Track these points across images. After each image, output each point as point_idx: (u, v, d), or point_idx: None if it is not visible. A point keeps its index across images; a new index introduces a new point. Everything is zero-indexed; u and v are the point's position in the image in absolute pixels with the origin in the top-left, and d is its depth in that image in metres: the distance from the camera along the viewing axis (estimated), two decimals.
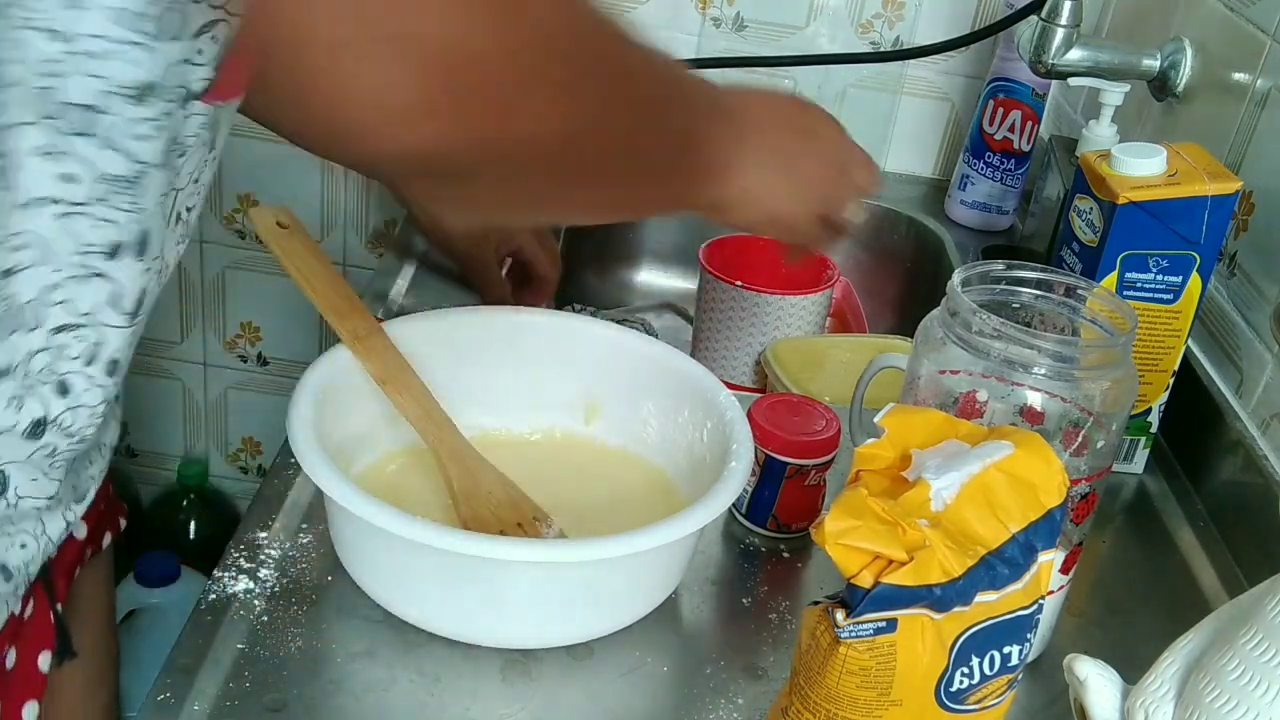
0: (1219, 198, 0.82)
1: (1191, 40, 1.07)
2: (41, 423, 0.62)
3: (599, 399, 0.84)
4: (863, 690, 0.53)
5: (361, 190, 1.58)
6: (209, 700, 0.63)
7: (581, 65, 0.54)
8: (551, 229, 1.02)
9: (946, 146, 1.44)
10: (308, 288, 0.77)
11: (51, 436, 0.63)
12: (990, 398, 0.66)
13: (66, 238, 0.58)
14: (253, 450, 1.80)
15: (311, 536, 0.75)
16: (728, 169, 0.68)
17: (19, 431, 0.61)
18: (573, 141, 0.55)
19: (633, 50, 0.59)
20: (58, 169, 0.56)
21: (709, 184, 0.69)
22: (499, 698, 0.66)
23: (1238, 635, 0.52)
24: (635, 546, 0.65)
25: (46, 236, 0.57)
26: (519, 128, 0.51)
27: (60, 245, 0.58)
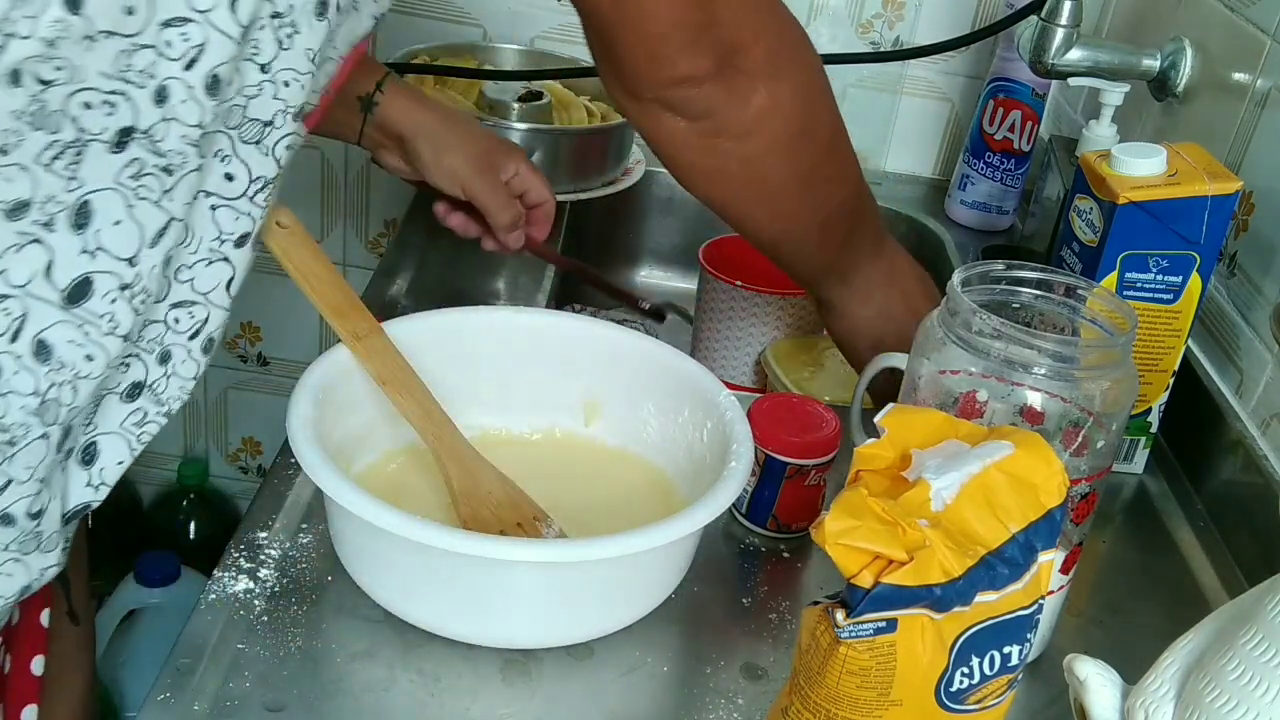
0: (1219, 198, 0.82)
1: (1191, 40, 1.07)
2: (139, 385, 0.66)
3: (599, 399, 0.84)
4: (863, 690, 0.53)
5: (361, 190, 1.58)
6: (209, 700, 0.63)
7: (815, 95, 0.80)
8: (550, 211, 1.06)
9: (946, 146, 1.45)
10: (308, 288, 0.77)
11: (144, 401, 0.67)
12: (990, 398, 0.66)
13: (211, 226, 0.65)
14: (253, 450, 1.80)
15: (311, 536, 0.75)
16: (854, 277, 0.88)
17: (119, 393, 0.65)
18: (796, 137, 0.79)
19: (838, 117, 0.83)
20: (224, 169, 0.63)
21: (837, 278, 0.88)
22: (499, 698, 0.66)
23: (1238, 635, 0.52)
24: (635, 546, 0.65)
25: (195, 223, 0.64)
26: (765, 104, 0.76)
27: (204, 231, 0.64)
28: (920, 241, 1.32)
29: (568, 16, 1.40)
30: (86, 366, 0.61)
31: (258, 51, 0.61)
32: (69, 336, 0.59)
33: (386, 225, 1.59)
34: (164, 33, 0.56)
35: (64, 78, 0.54)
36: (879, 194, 1.36)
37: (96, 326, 0.60)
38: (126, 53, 0.55)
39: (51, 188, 0.56)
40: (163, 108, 0.58)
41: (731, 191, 0.81)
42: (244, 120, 0.63)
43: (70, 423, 0.62)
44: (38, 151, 0.55)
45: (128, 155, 0.58)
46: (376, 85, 1.00)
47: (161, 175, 0.59)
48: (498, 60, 1.32)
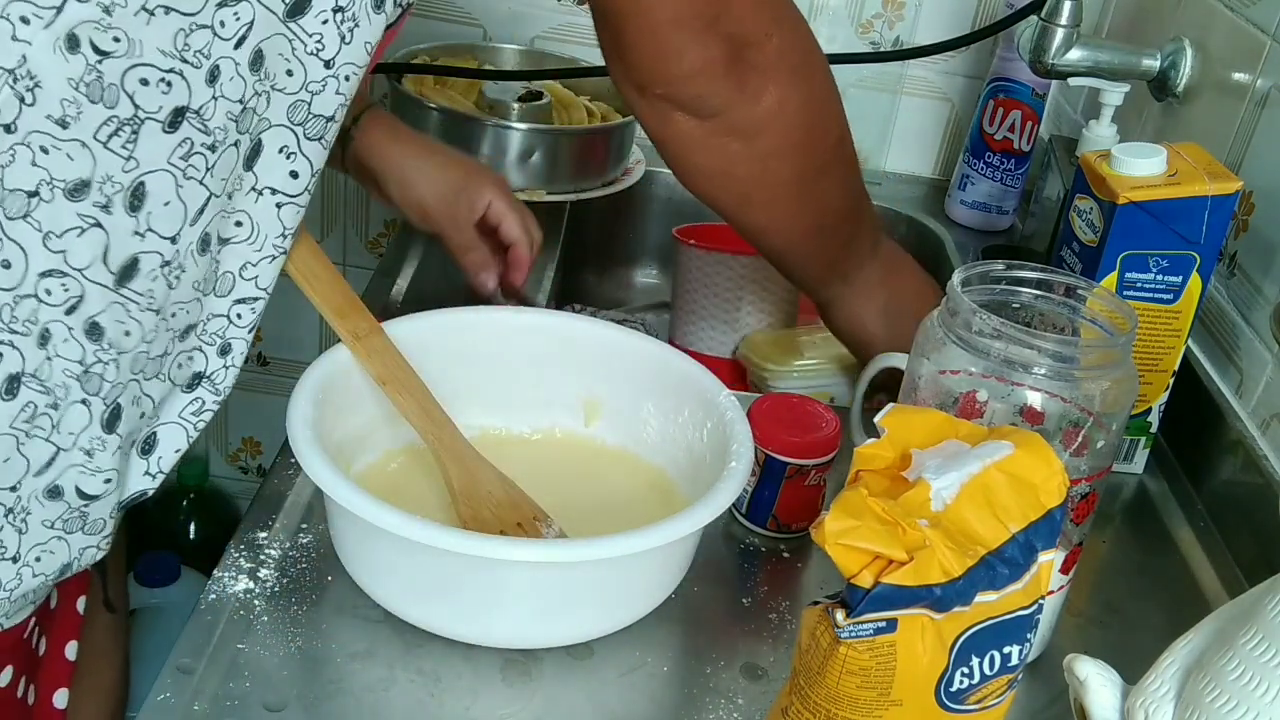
0: (1219, 198, 0.82)
1: (1191, 40, 1.07)
2: (200, 376, 0.68)
3: (599, 399, 0.84)
4: (863, 690, 0.53)
5: (361, 190, 1.58)
6: (209, 700, 0.63)
7: (822, 95, 0.80)
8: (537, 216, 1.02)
9: (946, 146, 1.45)
10: (308, 288, 0.77)
11: (203, 390, 0.69)
12: (990, 398, 0.66)
13: (276, 223, 0.66)
14: (253, 450, 1.80)
15: (311, 536, 0.75)
16: (855, 278, 0.88)
17: (180, 384, 0.67)
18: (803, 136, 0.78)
19: (844, 118, 0.83)
20: (289, 166, 0.65)
21: (838, 280, 0.88)
22: (499, 698, 0.66)
23: (1238, 635, 0.52)
24: (635, 546, 0.65)
25: (261, 221, 0.66)
26: (774, 105, 0.75)
27: (269, 229, 0.66)
28: (920, 241, 1.32)
29: (568, 16, 1.40)
30: (125, 342, 0.62)
31: (322, 47, 0.62)
32: (117, 317, 0.60)
33: (386, 225, 1.59)
34: (219, 12, 0.57)
35: (121, 50, 0.55)
36: (879, 194, 1.37)
37: (136, 304, 0.61)
38: (185, 32, 0.56)
39: (109, 167, 0.57)
40: (213, 87, 0.59)
41: (737, 193, 0.81)
42: (309, 116, 0.64)
43: (116, 400, 0.63)
44: (96, 127, 0.55)
45: (180, 135, 0.59)
46: (354, 118, 0.98)
47: (207, 154, 0.60)
48: (498, 60, 1.32)
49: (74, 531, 0.64)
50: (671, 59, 0.72)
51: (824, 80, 0.80)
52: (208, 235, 0.63)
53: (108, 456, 0.63)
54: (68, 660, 0.79)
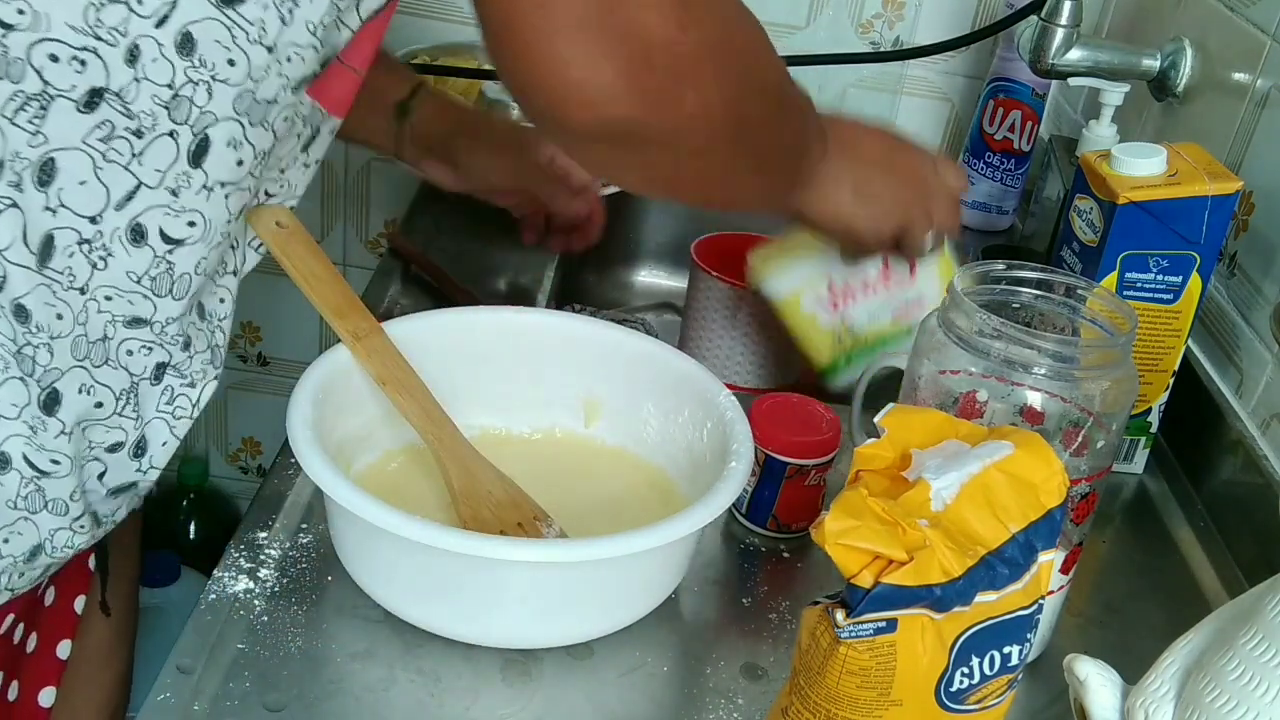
0: (1219, 198, 0.82)
1: (1191, 40, 1.07)
2: (164, 366, 0.68)
3: (599, 399, 0.84)
4: (863, 690, 0.53)
5: (361, 190, 1.58)
6: (209, 700, 0.63)
7: (750, 63, 0.68)
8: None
9: (946, 146, 1.44)
10: (307, 288, 0.77)
11: (169, 378, 0.69)
12: (990, 398, 0.66)
13: (224, 213, 0.66)
14: (253, 450, 1.80)
15: (311, 536, 0.75)
16: (814, 178, 0.79)
17: (141, 375, 0.67)
18: (734, 126, 0.67)
19: (778, 59, 0.72)
20: (236, 156, 0.64)
21: (799, 189, 0.80)
22: (499, 698, 0.66)
23: (1238, 635, 0.52)
24: (635, 546, 0.65)
25: (212, 217, 0.65)
26: (696, 108, 0.64)
27: (218, 222, 0.66)
28: None
29: None
30: (57, 325, 0.61)
31: (265, 33, 0.60)
32: (45, 299, 0.60)
33: (386, 225, 1.59)
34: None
35: (26, 23, 0.54)
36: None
37: (59, 283, 0.61)
38: (95, 6, 0.55)
39: (17, 143, 0.56)
40: (134, 68, 0.57)
41: (671, 188, 0.76)
42: (253, 104, 0.63)
43: (53, 385, 0.63)
44: (1, 102, 0.55)
45: (98, 116, 0.58)
46: (411, 91, 0.99)
47: (131, 138, 0.59)
48: None
49: (38, 511, 0.64)
50: (559, 74, 0.60)
51: (754, 57, 0.69)
52: (141, 226, 0.62)
53: (51, 438, 0.63)
54: (58, 659, 0.79)
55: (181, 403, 0.70)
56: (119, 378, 0.66)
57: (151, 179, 0.61)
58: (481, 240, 1.15)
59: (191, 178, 0.63)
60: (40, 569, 0.67)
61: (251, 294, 1.60)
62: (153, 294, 0.65)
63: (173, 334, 0.67)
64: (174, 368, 0.68)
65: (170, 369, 0.68)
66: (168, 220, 0.63)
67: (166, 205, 0.63)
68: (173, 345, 0.68)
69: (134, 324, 0.65)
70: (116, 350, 0.65)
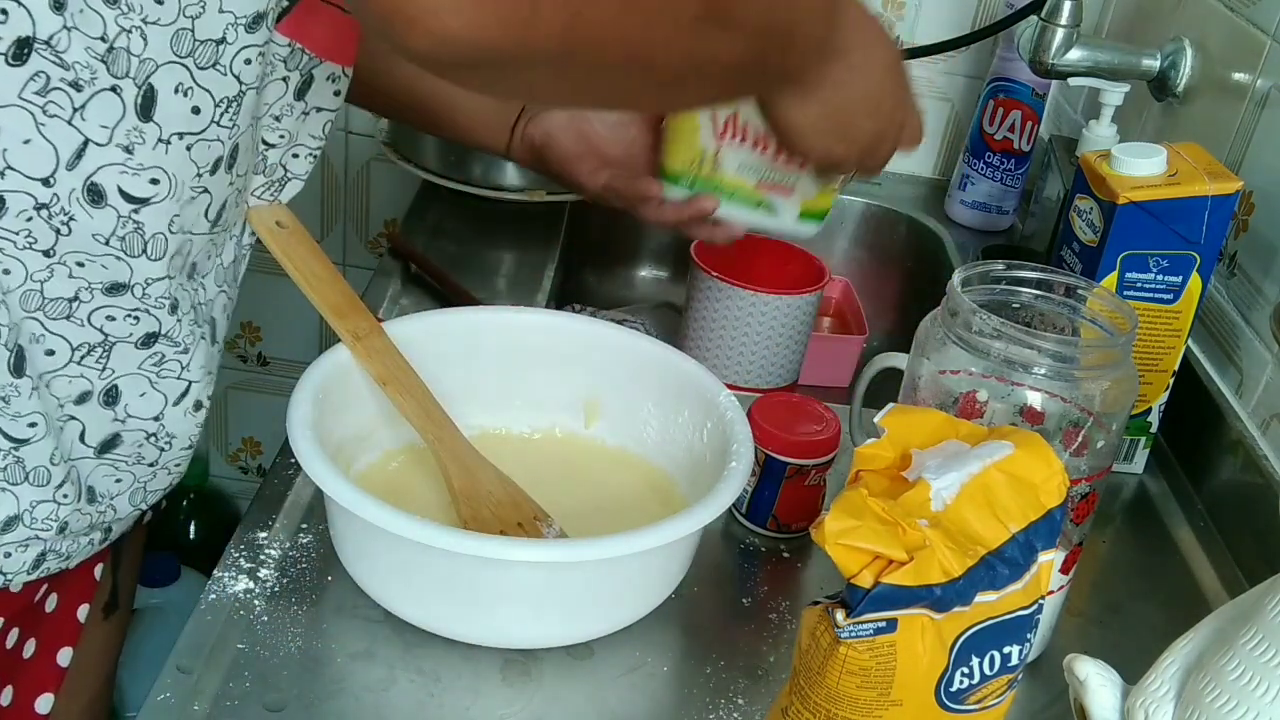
0: (1219, 198, 0.82)
1: (1191, 40, 1.07)
2: (154, 335, 0.67)
3: (599, 399, 0.84)
4: (863, 690, 0.53)
5: (361, 190, 1.58)
6: (209, 700, 0.63)
7: None
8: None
9: (946, 146, 1.44)
10: (307, 288, 0.77)
11: (161, 345, 0.68)
12: (990, 398, 0.66)
13: (189, 165, 0.64)
14: (253, 450, 1.80)
15: (311, 536, 0.75)
16: (802, 81, 0.71)
17: (134, 341, 0.67)
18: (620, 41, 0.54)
19: None
20: (189, 103, 0.62)
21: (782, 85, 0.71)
22: (499, 698, 0.66)
23: (1238, 635, 0.52)
24: (635, 546, 0.65)
25: (175, 171, 0.63)
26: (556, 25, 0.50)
27: (184, 175, 0.64)
28: (920, 241, 1.32)
29: None
30: (5, 280, 0.61)
31: None
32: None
33: (386, 225, 1.59)
34: None
35: None
36: (879, 194, 1.37)
37: (12, 243, 0.60)
38: None
39: None
40: (62, 15, 0.57)
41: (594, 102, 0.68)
42: (195, 45, 0.61)
43: (17, 343, 0.63)
44: None
45: (30, 68, 0.57)
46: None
47: (70, 91, 0.58)
48: None
49: (18, 482, 0.64)
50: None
51: None
52: (98, 186, 0.61)
53: (25, 401, 0.63)
54: (59, 667, 0.79)
55: (171, 365, 0.69)
56: (83, 334, 0.65)
57: (100, 135, 0.60)
58: (481, 240, 1.15)
59: (144, 132, 0.61)
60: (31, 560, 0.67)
61: (251, 294, 1.61)
62: (125, 255, 0.64)
63: (157, 296, 0.66)
64: (166, 336, 0.68)
65: (162, 338, 0.68)
66: (126, 179, 0.62)
67: (122, 164, 0.61)
68: (159, 309, 0.67)
69: (113, 291, 0.65)
70: (89, 314, 0.65)
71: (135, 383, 0.69)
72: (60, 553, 0.71)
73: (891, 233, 1.34)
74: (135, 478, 0.73)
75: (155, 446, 0.73)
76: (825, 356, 1.13)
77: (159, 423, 0.72)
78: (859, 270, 1.33)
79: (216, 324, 0.75)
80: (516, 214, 1.18)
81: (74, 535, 0.71)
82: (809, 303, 1.05)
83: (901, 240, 1.34)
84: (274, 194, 0.77)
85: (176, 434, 0.74)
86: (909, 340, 0.71)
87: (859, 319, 1.21)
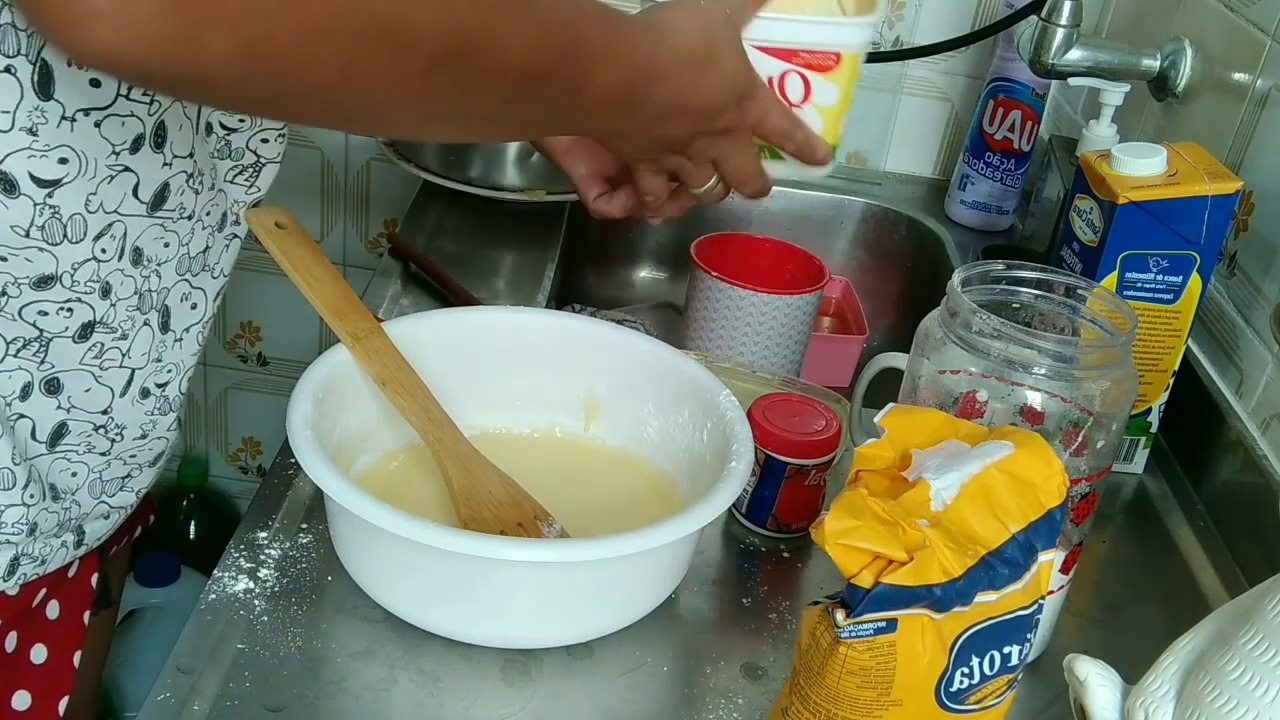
0: (1219, 198, 0.82)
1: (1191, 40, 1.07)
2: (89, 325, 0.66)
3: (599, 399, 0.84)
4: (863, 690, 0.53)
5: (361, 190, 1.58)
6: (209, 700, 0.63)
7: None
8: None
9: (946, 146, 1.44)
10: (307, 288, 0.77)
11: (99, 335, 0.67)
12: (990, 398, 0.66)
13: (102, 144, 0.62)
14: (253, 450, 1.80)
15: (311, 536, 0.75)
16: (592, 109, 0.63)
17: (70, 335, 0.66)
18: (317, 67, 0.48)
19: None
20: (86, 75, 0.59)
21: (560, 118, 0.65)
22: (499, 698, 0.66)
23: (1238, 635, 0.52)
24: (635, 546, 0.65)
25: (85, 149, 0.61)
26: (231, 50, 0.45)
27: (96, 153, 0.62)
28: (920, 241, 1.32)
29: None
30: None
31: None
32: None
33: (386, 225, 1.59)
34: None
35: None
36: (879, 194, 1.37)
37: None
38: None
39: None
40: None
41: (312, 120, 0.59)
42: None
43: None
44: None
45: None
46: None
47: None
48: None
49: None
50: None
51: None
52: (8, 175, 0.59)
53: None
54: (74, 668, 0.79)
55: (112, 354, 0.68)
56: (16, 328, 0.64)
57: (2, 121, 0.58)
58: (481, 240, 1.15)
59: (46, 111, 0.59)
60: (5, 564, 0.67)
61: (252, 294, 1.61)
62: (48, 244, 0.63)
63: (85, 280, 0.65)
64: (101, 324, 0.67)
65: (99, 326, 0.67)
66: (34, 162, 0.60)
67: (28, 147, 0.60)
68: (89, 295, 0.66)
69: (41, 284, 0.64)
70: (19, 309, 0.64)
71: (79, 378, 0.68)
72: (34, 556, 0.70)
73: (891, 233, 1.34)
74: (90, 468, 0.73)
75: (105, 437, 0.72)
76: (825, 356, 1.13)
77: (107, 415, 0.71)
78: (859, 270, 1.33)
79: (171, 312, 0.73)
80: (516, 214, 1.18)
81: (44, 537, 0.70)
82: (809, 303, 1.05)
83: (901, 240, 1.34)
84: (249, 179, 0.76)
85: (127, 424, 0.73)
86: (909, 340, 0.71)
87: (859, 319, 1.21)
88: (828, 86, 0.76)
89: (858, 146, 1.44)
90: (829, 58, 0.75)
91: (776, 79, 0.74)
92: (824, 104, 0.76)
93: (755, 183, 0.76)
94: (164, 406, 0.76)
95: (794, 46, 0.74)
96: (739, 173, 0.75)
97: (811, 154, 0.76)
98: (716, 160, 0.73)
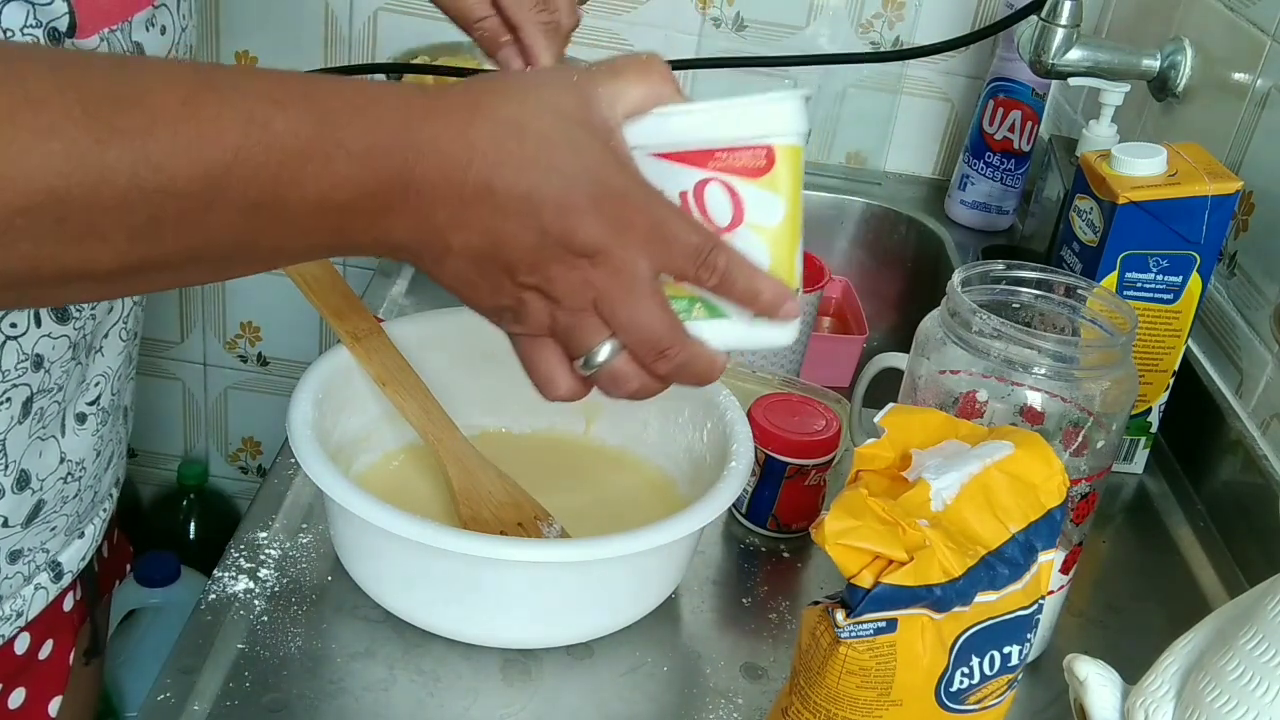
0: (1219, 198, 0.82)
1: (1191, 40, 1.07)
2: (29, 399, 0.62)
3: (599, 399, 0.84)
4: (863, 690, 0.53)
5: None
6: (209, 700, 0.63)
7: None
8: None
9: (946, 146, 1.44)
10: (307, 288, 0.77)
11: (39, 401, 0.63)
12: (990, 398, 0.66)
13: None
14: (253, 450, 1.80)
15: (311, 536, 0.75)
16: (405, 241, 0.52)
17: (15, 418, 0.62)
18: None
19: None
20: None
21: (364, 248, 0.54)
22: (499, 698, 0.66)
23: (1238, 635, 0.52)
24: (635, 546, 0.65)
25: None
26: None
27: None
28: (920, 241, 1.32)
29: None
30: None
31: None
32: None
33: None
34: None
35: None
36: (879, 194, 1.37)
37: None
38: None
39: None
40: None
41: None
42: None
43: None
44: None
45: None
46: None
47: None
48: None
49: None
50: None
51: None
52: None
53: None
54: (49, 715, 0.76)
55: (50, 409, 0.64)
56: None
57: None
58: None
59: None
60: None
61: (251, 294, 1.61)
62: None
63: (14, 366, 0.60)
64: (41, 390, 0.63)
65: (37, 394, 0.63)
66: None
67: None
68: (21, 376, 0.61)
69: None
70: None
71: (33, 450, 0.64)
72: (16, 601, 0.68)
73: (891, 233, 1.34)
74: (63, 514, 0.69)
75: (74, 480, 0.69)
76: (825, 356, 1.13)
77: (64, 462, 0.67)
78: (859, 270, 1.33)
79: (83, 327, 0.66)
80: None
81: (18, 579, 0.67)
82: (809, 303, 1.05)
83: (901, 240, 1.34)
84: None
85: (83, 455, 0.69)
86: (909, 340, 0.71)
87: (859, 319, 1.21)
88: (763, 197, 0.52)
89: (858, 147, 1.44)
90: (757, 155, 0.52)
91: (691, 193, 0.52)
92: (764, 223, 0.53)
93: (672, 351, 0.54)
94: (102, 417, 0.71)
95: (700, 146, 0.52)
96: (639, 331, 0.53)
97: (763, 302, 0.52)
98: (598, 305, 0.52)
